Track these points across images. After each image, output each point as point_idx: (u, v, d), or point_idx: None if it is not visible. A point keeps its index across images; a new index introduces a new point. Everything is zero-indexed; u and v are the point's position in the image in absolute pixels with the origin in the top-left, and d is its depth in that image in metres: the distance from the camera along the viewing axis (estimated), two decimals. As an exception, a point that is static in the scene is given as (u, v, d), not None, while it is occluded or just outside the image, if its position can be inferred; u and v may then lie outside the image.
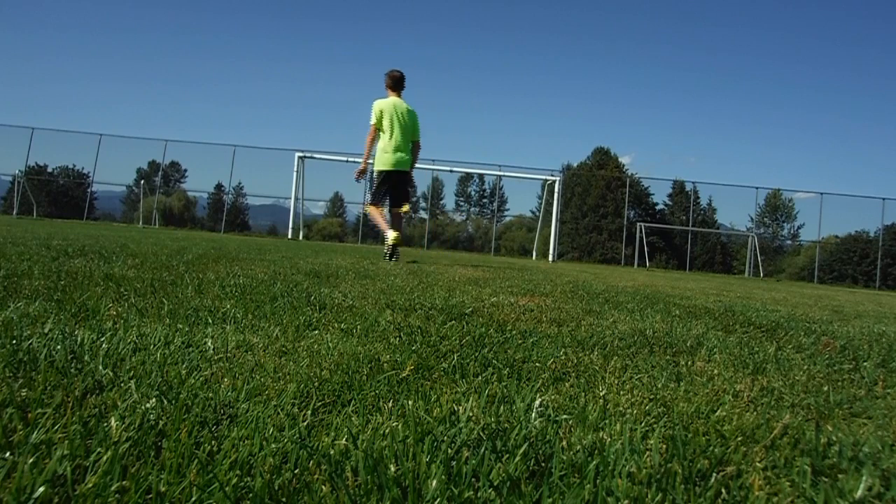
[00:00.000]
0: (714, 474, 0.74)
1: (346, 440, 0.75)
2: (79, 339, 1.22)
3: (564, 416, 0.91)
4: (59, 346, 1.14)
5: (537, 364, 1.36)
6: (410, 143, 6.72)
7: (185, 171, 45.67)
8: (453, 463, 0.68)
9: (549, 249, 22.91)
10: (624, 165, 42.70)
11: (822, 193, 31.07)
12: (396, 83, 6.67)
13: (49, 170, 37.50)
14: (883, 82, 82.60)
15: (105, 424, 0.75)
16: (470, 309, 2.29)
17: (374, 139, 6.63)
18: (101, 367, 1.03)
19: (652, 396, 1.14)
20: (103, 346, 1.19)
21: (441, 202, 43.88)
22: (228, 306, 1.88)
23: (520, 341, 1.63)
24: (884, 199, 30.39)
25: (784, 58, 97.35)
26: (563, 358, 1.45)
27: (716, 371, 1.44)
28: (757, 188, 34.16)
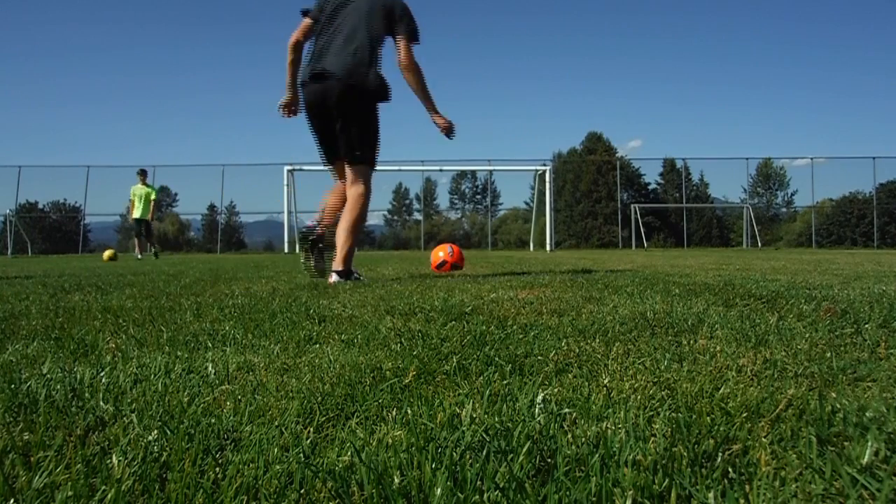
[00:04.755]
0: (720, 454, 0.74)
1: (351, 454, 0.75)
2: (78, 375, 1.22)
3: (567, 410, 0.91)
4: (58, 386, 1.13)
5: (539, 357, 1.36)
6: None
7: (176, 194, 45.63)
8: (458, 468, 0.67)
9: (546, 239, 22.92)
10: (615, 149, 42.76)
11: (812, 158, 31.19)
12: (143, 175, 14.11)
13: (40, 206, 37.48)
14: (866, 41, 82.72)
15: (108, 461, 0.75)
16: (470, 307, 2.28)
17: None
18: (101, 403, 1.02)
19: (655, 380, 1.13)
20: (103, 380, 1.18)
21: (434, 202, 43.91)
22: (227, 328, 1.87)
23: (521, 336, 1.63)
24: (874, 157, 30.47)
25: (763, 21, 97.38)
26: (564, 349, 1.45)
27: (718, 348, 1.44)
28: (747, 159, 34.25)
